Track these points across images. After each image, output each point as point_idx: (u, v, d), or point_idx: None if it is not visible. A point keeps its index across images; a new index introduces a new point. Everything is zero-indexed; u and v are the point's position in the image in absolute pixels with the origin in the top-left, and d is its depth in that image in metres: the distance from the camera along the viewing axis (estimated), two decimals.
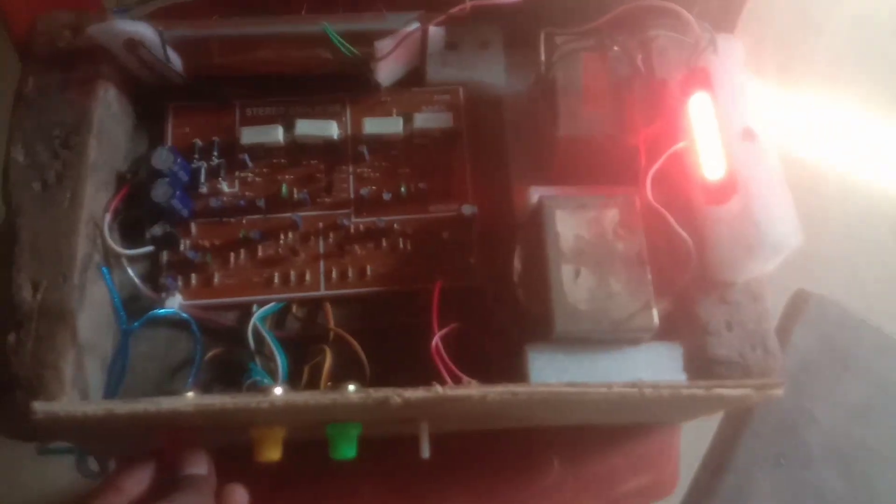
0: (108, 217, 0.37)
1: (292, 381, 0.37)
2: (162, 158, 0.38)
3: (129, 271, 0.37)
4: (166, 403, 0.29)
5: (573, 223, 0.35)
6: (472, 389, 0.31)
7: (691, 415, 0.40)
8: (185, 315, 0.36)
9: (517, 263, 0.35)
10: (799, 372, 0.55)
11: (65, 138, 0.37)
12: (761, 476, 0.53)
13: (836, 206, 0.88)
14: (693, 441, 0.51)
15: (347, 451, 0.33)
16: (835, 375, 0.56)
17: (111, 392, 0.35)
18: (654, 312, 0.34)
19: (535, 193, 0.36)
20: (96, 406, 0.29)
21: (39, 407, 0.29)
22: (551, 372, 0.34)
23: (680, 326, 0.36)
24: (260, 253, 0.39)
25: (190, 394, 0.33)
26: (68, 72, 0.38)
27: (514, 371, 0.35)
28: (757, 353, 0.36)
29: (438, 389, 0.31)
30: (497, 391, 0.31)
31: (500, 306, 0.37)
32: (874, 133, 0.98)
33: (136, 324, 0.35)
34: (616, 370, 0.34)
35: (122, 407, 0.29)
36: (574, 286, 0.34)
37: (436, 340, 0.35)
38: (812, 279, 0.63)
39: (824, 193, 0.89)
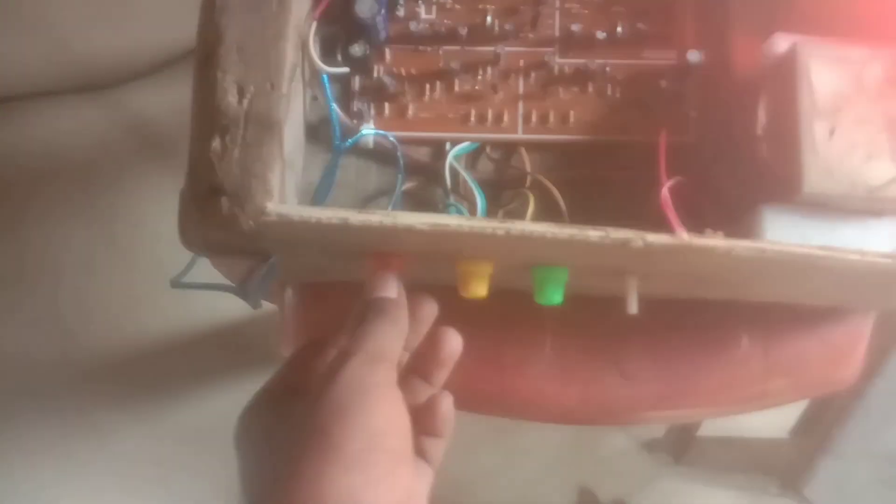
0: (313, 26, 0.34)
1: None
2: None
3: (328, 90, 0.35)
4: (403, 219, 0.27)
5: (831, 76, 0.31)
6: (719, 241, 0.28)
7: None
8: (392, 138, 0.34)
9: (762, 115, 0.32)
10: None
11: None
12: None
13: None
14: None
15: (554, 296, 0.32)
16: None
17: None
18: None
19: (783, 41, 0.32)
20: (332, 213, 0.27)
21: (273, 208, 0.27)
22: (788, 236, 0.31)
23: None
24: (457, 87, 0.36)
25: None
26: None
27: (739, 234, 0.32)
28: None
29: (684, 237, 0.28)
30: (745, 246, 0.28)
31: (722, 164, 0.35)
32: None
33: (349, 141, 0.33)
34: (856, 242, 0.31)
35: (356, 217, 0.27)
36: (828, 144, 0.30)
37: (665, 191, 0.32)
38: None
39: None
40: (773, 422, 0.59)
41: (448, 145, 0.36)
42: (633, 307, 0.32)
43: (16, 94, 0.85)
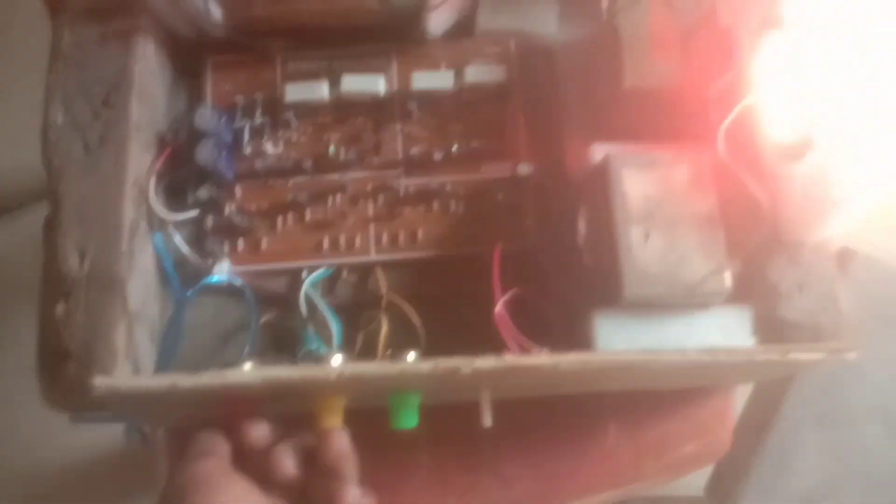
0: (152, 180, 0.35)
1: (346, 348, 0.36)
2: (205, 118, 0.36)
3: (176, 237, 0.36)
4: (231, 377, 0.28)
5: (641, 182, 0.33)
6: (544, 359, 0.30)
7: (758, 378, 0.39)
8: (238, 282, 0.35)
9: (582, 225, 0.34)
10: None
11: (105, 97, 0.35)
12: (806, 435, 0.53)
13: None
14: (737, 399, 0.50)
15: (409, 420, 0.33)
16: (880, 334, 0.55)
17: (164, 361, 0.34)
18: (727, 276, 0.32)
19: (599, 151, 0.34)
20: (159, 380, 0.28)
21: (100, 382, 0.28)
22: (619, 337, 0.33)
23: (750, 288, 0.34)
24: (308, 217, 0.38)
25: (248, 365, 0.32)
26: (105, 25, 0.36)
27: (578, 337, 0.34)
28: (828, 315, 0.34)
29: (509, 359, 0.29)
30: (569, 360, 0.30)
31: (559, 270, 0.36)
32: None
33: (190, 292, 0.34)
34: (685, 335, 0.33)
35: (185, 380, 0.28)
36: (644, 248, 0.32)
37: (499, 308, 0.33)
38: (854, 236, 0.61)
39: None
40: (695, 479, 0.60)
41: (304, 273, 0.37)
42: (487, 420, 0.33)
43: None
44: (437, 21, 0.38)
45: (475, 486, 0.38)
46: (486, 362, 0.29)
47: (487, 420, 0.33)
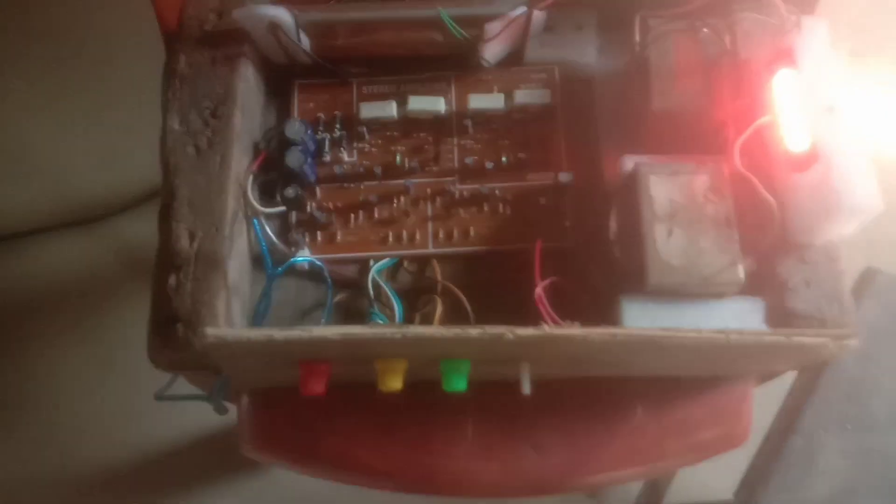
0: (249, 179, 0.42)
1: (405, 326, 0.42)
2: (295, 129, 0.43)
3: (266, 227, 0.42)
4: (317, 331, 0.34)
5: (666, 187, 0.39)
6: (576, 330, 0.35)
7: (770, 366, 0.43)
8: (319, 263, 0.41)
9: (613, 223, 0.39)
10: (867, 342, 0.58)
11: (214, 109, 0.42)
12: (828, 440, 0.56)
13: None
14: (764, 405, 0.54)
15: (459, 383, 0.38)
16: None
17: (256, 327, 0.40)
18: (741, 268, 0.37)
19: (630, 161, 0.40)
20: (258, 332, 0.34)
21: (211, 332, 0.34)
22: (643, 320, 0.38)
23: (762, 284, 0.39)
24: (376, 215, 0.44)
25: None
26: (215, 51, 0.43)
27: (607, 321, 0.39)
28: (833, 309, 0.39)
29: (546, 328, 0.35)
30: (598, 332, 0.35)
31: (592, 265, 0.41)
32: None
33: (280, 269, 0.41)
34: (703, 321, 0.38)
35: (279, 333, 0.34)
36: (667, 244, 0.37)
37: (539, 290, 0.39)
38: (878, 258, 0.65)
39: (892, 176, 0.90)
40: (726, 484, 0.63)
41: (371, 262, 0.43)
42: (526, 388, 0.38)
43: (19, 231, 0.94)
44: (492, 51, 0.44)
45: (515, 454, 0.42)
46: (526, 331, 0.35)
47: (526, 388, 0.38)
